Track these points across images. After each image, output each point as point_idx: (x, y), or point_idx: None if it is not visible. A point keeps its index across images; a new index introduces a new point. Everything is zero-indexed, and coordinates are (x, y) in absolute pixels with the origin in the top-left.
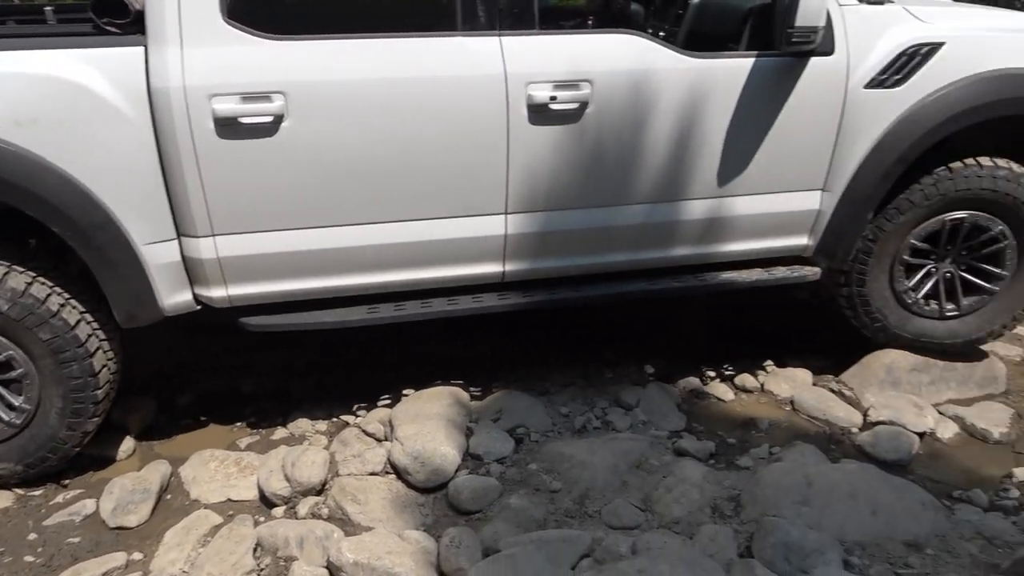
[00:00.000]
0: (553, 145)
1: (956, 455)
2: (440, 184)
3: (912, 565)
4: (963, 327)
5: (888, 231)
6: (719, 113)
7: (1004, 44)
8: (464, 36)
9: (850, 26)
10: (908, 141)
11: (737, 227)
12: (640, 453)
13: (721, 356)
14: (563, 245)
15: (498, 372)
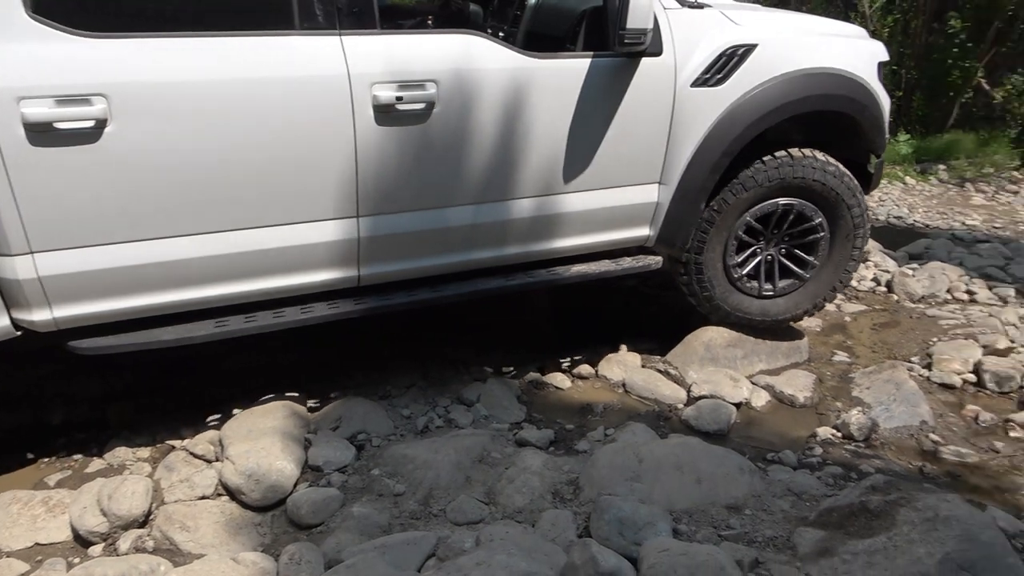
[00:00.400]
0: (402, 145)
1: (768, 421)
2: (284, 189)
3: (733, 526)
4: (774, 307)
5: (731, 204)
6: (561, 111)
7: (811, 45)
8: (303, 35)
9: (675, 28)
10: (731, 135)
11: (584, 221)
12: (482, 447)
13: (558, 346)
14: (419, 246)
15: (335, 379)
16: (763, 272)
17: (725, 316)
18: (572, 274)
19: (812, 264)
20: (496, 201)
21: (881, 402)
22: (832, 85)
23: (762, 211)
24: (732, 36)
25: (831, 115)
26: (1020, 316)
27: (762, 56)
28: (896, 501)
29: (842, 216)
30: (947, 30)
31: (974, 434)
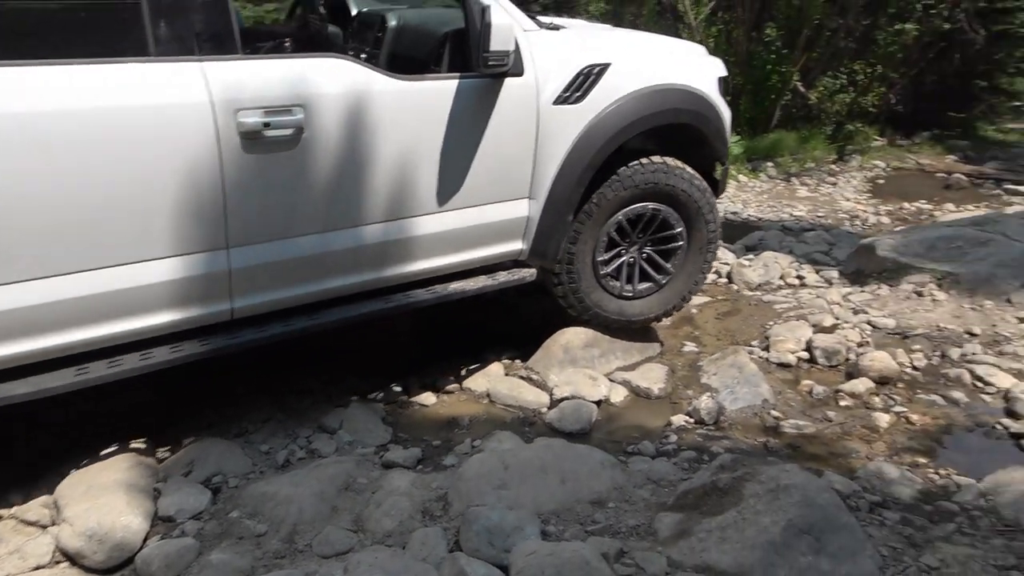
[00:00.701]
0: (272, 172)
1: (627, 415)
2: (148, 223)
3: (598, 520)
4: (630, 308)
5: (610, 199)
6: (430, 132)
7: (659, 63)
8: (159, 62)
9: (535, 50)
10: (593, 149)
11: (459, 238)
12: (347, 474)
13: (420, 363)
14: (294, 273)
15: (185, 421)
16: (624, 274)
17: (585, 310)
18: (451, 291)
19: (668, 271)
20: (371, 224)
21: (727, 386)
22: (680, 100)
23: (634, 212)
24: (587, 56)
25: (679, 127)
26: (843, 295)
27: (616, 74)
28: (743, 477)
29: (699, 229)
30: (764, 39)
31: (810, 407)
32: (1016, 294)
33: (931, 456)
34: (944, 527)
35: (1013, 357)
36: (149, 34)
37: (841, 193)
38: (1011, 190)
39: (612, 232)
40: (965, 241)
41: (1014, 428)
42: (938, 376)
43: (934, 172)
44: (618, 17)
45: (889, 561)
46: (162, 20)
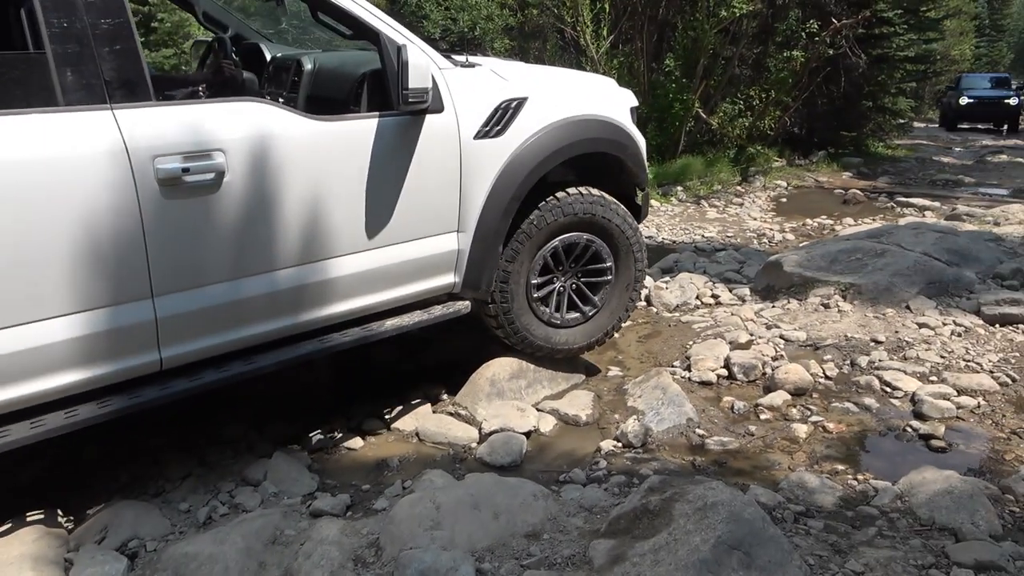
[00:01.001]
0: (194, 218)
1: (557, 444)
2: (63, 276)
3: (533, 553)
4: (556, 337)
5: (548, 223)
6: (353, 171)
7: (574, 95)
8: (68, 112)
9: (452, 86)
10: (517, 180)
11: (389, 276)
12: (274, 527)
13: (344, 406)
14: (223, 319)
15: (95, 485)
16: (554, 302)
17: (515, 334)
18: (387, 328)
19: (596, 303)
20: (300, 265)
21: (652, 407)
22: (597, 130)
23: (569, 240)
24: (504, 91)
25: (597, 156)
26: (756, 312)
27: (533, 108)
28: (671, 497)
29: (628, 265)
30: (664, 69)
31: (732, 422)
32: (914, 301)
33: (849, 463)
34: (866, 531)
35: (916, 361)
36: (56, 83)
37: (748, 213)
38: (902, 202)
39: (547, 257)
40: (864, 253)
41: (923, 429)
42: (849, 384)
43: (832, 189)
44: (523, 53)
45: (816, 570)
46: (69, 69)
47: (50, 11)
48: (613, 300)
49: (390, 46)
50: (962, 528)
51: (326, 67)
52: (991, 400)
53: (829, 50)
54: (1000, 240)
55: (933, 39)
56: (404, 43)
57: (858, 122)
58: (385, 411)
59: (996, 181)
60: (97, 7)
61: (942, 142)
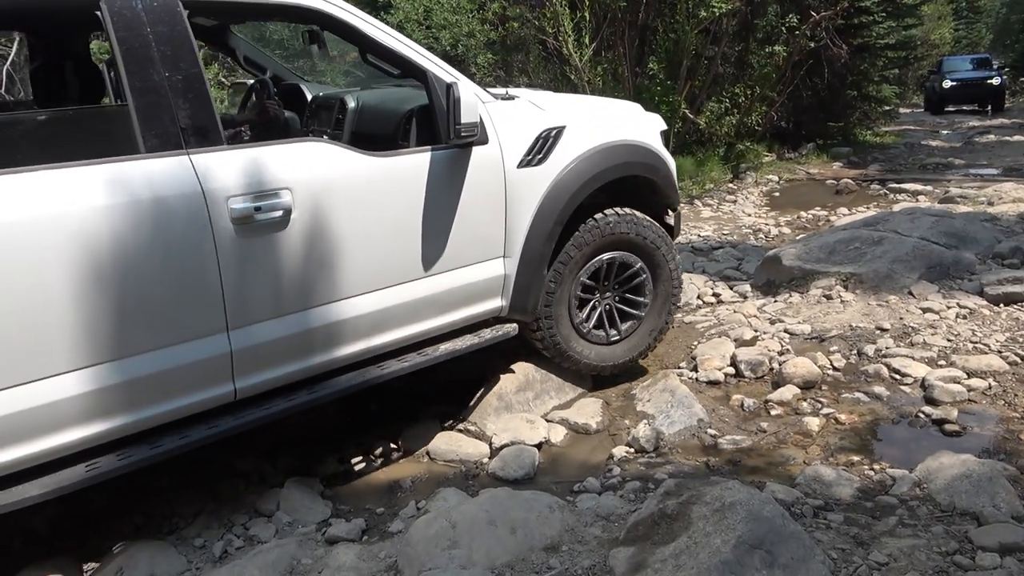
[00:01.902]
0: (265, 254)
1: (569, 453)
2: (149, 314)
3: (553, 566)
4: (600, 353)
5: (589, 244)
6: (407, 203)
7: (608, 122)
8: (150, 159)
9: (495, 118)
10: (559, 205)
11: (442, 302)
12: (291, 557)
13: (353, 431)
14: (293, 349)
15: (110, 527)
16: (595, 320)
17: (564, 358)
18: (441, 352)
19: (636, 320)
20: (362, 294)
21: (662, 411)
22: (631, 154)
23: (609, 259)
24: (543, 121)
25: (632, 179)
26: (758, 307)
27: (571, 135)
28: (688, 500)
29: (665, 283)
30: (648, 72)
31: (743, 420)
32: (916, 286)
33: (864, 453)
34: (887, 521)
35: (923, 346)
36: (138, 132)
37: (742, 209)
38: (895, 188)
39: (589, 276)
40: (861, 242)
41: (935, 415)
42: (858, 374)
43: (824, 180)
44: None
45: (840, 564)
46: (149, 118)
47: (132, 64)
48: (652, 316)
49: (438, 84)
50: (983, 512)
51: (369, 104)
52: (1002, 380)
53: (810, 43)
54: (996, 220)
55: (912, 25)
56: (453, 81)
57: (844, 112)
58: (394, 433)
59: (986, 161)
60: (172, 60)
61: (929, 126)
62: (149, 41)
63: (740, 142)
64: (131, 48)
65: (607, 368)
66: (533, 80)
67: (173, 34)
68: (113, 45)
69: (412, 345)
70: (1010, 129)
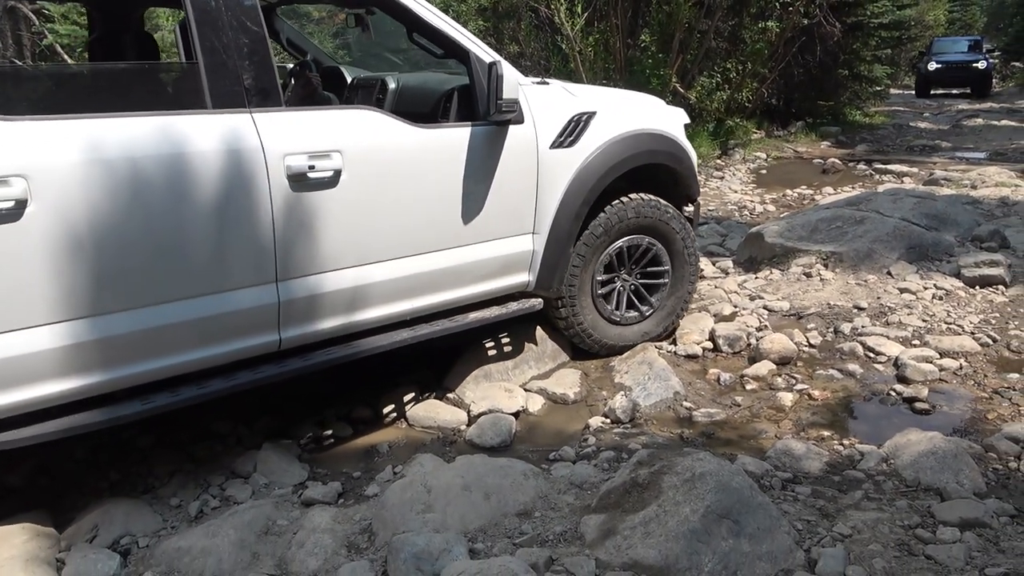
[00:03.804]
0: (314, 211)
1: (546, 422)
2: (208, 260)
3: (525, 531)
4: (618, 333)
5: (608, 231)
6: (448, 174)
7: (635, 111)
8: (217, 114)
9: (531, 100)
10: (587, 187)
11: (475, 271)
12: (266, 518)
13: (331, 395)
14: (335, 305)
15: (86, 484)
16: (615, 300)
17: (587, 336)
18: (471, 320)
19: (652, 305)
20: (401, 258)
21: (639, 383)
22: (657, 143)
23: (631, 242)
24: (575, 105)
25: (655, 167)
26: (739, 283)
27: (601, 121)
28: (660, 470)
29: (683, 268)
30: (640, 44)
31: (719, 394)
32: (895, 266)
33: (835, 428)
34: (852, 495)
35: (898, 326)
36: (206, 89)
37: (728, 186)
38: (880, 169)
39: (612, 257)
40: (844, 221)
41: (906, 393)
42: (833, 351)
43: (811, 158)
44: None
45: (804, 535)
46: (217, 77)
47: (204, 26)
48: (670, 300)
49: (479, 64)
50: (947, 487)
51: (409, 85)
52: (973, 361)
53: (804, 19)
54: (977, 203)
55: (907, 5)
56: (496, 60)
57: (835, 91)
58: (374, 399)
59: (972, 145)
60: (240, 24)
61: (918, 108)
62: (220, 4)
63: (730, 118)
64: (203, 10)
65: (623, 348)
66: (524, 49)
67: (242, 1)
68: (187, 6)
69: (444, 312)
70: (999, 113)
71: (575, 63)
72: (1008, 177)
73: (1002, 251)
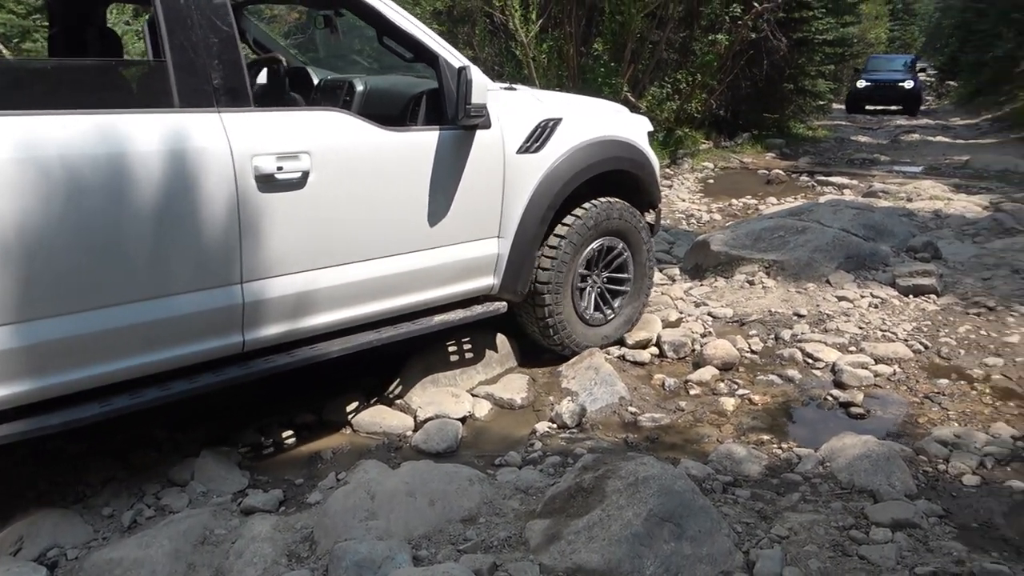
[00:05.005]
0: (281, 212)
1: (493, 428)
2: (172, 260)
3: (470, 538)
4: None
5: (590, 228)
6: (416, 177)
7: (600, 118)
8: (185, 113)
9: (499, 106)
10: (553, 192)
11: (440, 275)
12: (203, 527)
13: (274, 401)
14: (302, 307)
15: (10, 494)
16: (585, 301)
17: (559, 338)
18: (435, 323)
19: (614, 309)
20: (367, 260)
21: (586, 388)
22: (621, 149)
23: (603, 244)
24: (542, 112)
25: (618, 173)
26: (685, 290)
27: (567, 127)
28: (604, 474)
29: (643, 273)
30: (593, 53)
31: (663, 399)
32: (833, 275)
33: (774, 432)
34: (790, 497)
35: (836, 333)
36: (174, 88)
37: (677, 194)
38: (822, 181)
39: (586, 259)
40: (786, 231)
41: (843, 398)
42: (774, 357)
43: (756, 169)
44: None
45: (744, 537)
46: (185, 75)
47: (173, 24)
48: (628, 308)
49: (448, 68)
50: (880, 489)
51: (377, 88)
52: (906, 367)
53: (752, 33)
54: (913, 215)
55: (850, 23)
56: (466, 64)
57: (780, 104)
58: (318, 405)
59: (909, 159)
60: (210, 22)
61: (859, 123)
62: (190, 2)
63: (679, 128)
64: (173, 7)
65: (586, 347)
66: (478, 54)
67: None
68: (156, 3)
69: (409, 315)
70: (934, 129)
71: (529, 69)
72: (942, 191)
73: (934, 262)
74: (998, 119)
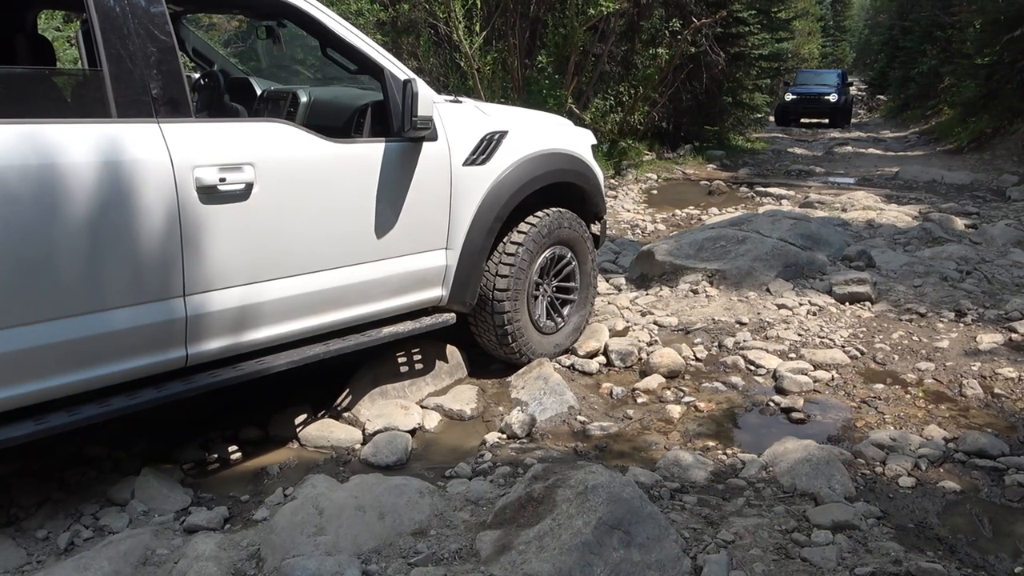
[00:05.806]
0: (224, 225)
1: (443, 439)
2: (108, 273)
3: (421, 550)
4: (541, 342)
5: (545, 236)
6: (361, 189)
7: (544, 131)
8: (122, 123)
9: (445, 118)
10: (500, 203)
11: (388, 286)
12: (144, 547)
13: (218, 415)
14: (247, 320)
15: None
16: (540, 309)
17: (511, 343)
18: (384, 335)
19: (564, 317)
20: (314, 272)
21: (535, 398)
22: (566, 162)
23: (554, 253)
24: (488, 124)
25: (563, 185)
26: (631, 300)
27: (513, 140)
28: (554, 484)
29: (588, 283)
30: (537, 65)
31: (611, 407)
32: (773, 283)
33: (719, 439)
34: (735, 502)
35: (776, 340)
36: (111, 98)
37: (622, 205)
38: (761, 192)
39: (539, 267)
40: (727, 241)
41: (784, 403)
42: (718, 364)
43: (698, 180)
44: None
45: (691, 542)
46: (122, 85)
47: (108, 32)
48: (576, 316)
49: (394, 81)
50: (820, 492)
51: (321, 99)
52: (843, 373)
53: (691, 48)
54: (847, 225)
55: (784, 38)
56: (411, 77)
57: (720, 117)
58: (263, 419)
59: (843, 171)
60: (147, 31)
61: (795, 135)
62: (126, 10)
63: (623, 139)
64: (109, 15)
65: (539, 356)
66: (423, 65)
67: (149, 8)
68: (91, 10)
69: (357, 327)
70: (866, 142)
71: (473, 81)
72: (874, 201)
73: (868, 270)
74: (925, 132)
